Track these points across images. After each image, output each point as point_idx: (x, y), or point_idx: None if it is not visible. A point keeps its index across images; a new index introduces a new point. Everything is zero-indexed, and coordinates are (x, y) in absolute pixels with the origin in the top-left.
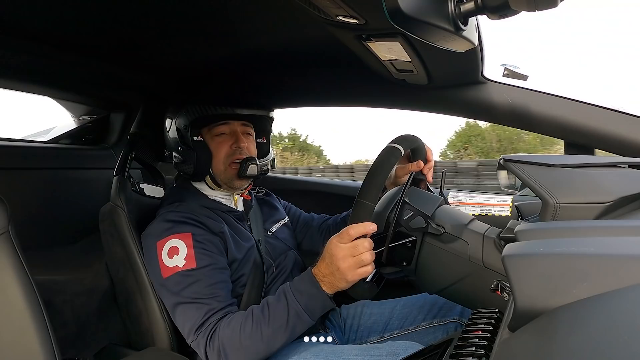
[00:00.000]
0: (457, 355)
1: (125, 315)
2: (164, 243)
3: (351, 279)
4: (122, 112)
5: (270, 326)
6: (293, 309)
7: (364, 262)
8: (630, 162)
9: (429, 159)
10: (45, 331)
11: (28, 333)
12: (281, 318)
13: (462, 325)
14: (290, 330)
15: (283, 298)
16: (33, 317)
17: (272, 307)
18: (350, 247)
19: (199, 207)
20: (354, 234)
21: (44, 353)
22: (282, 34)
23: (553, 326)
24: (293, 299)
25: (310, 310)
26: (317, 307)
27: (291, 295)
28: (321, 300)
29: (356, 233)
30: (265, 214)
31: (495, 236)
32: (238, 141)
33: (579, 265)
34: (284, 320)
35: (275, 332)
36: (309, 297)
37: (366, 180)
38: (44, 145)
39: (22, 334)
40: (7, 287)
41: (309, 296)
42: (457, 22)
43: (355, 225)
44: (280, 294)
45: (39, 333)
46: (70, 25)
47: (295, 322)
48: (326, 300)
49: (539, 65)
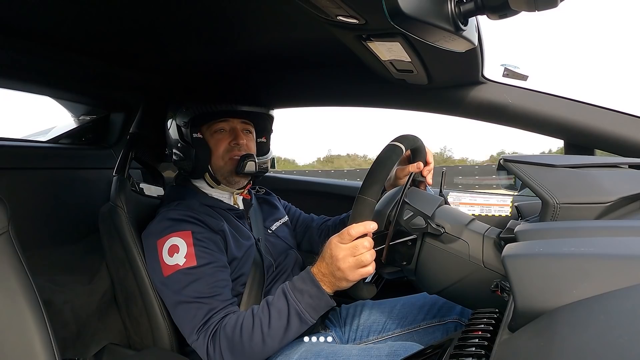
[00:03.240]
0: (457, 356)
1: (125, 315)
2: (164, 241)
3: (352, 279)
4: (122, 112)
5: (271, 326)
6: (294, 308)
7: (365, 262)
8: (630, 163)
9: (428, 161)
10: (45, 331)
11: (28, 333)
12: (282, 318)
13: (461, 325)
14: (291, 330)
15: (283, 298)
16: (33, 317)
17: (272, 307)
18: (351, 247)
19: (199, 205)
20: (354, 233)
21: (44, 353)
22: (282, 34)
23: (553, 326)
24: (293, 298)
25: (312, 309)
26: (318, 307)
27: (291, 295)
28: (322, 300)
29: (357, 233)
30: (266, 213)
31: (495, 236)
32: (237, 138)
33: (579, 265)
34: (285, 320)
35: (276, 332)
36: (310, 297)
37: (367, 177)
38: (44, 145)
39: (22, 334)
40: (7, 287)
41: (310, 296)
42: (457, 22)
43: (356, 225)
44: (280, 293)
45: (39, 333)
46: (70, 25)
47: (296, 322)
48: (327, 299)
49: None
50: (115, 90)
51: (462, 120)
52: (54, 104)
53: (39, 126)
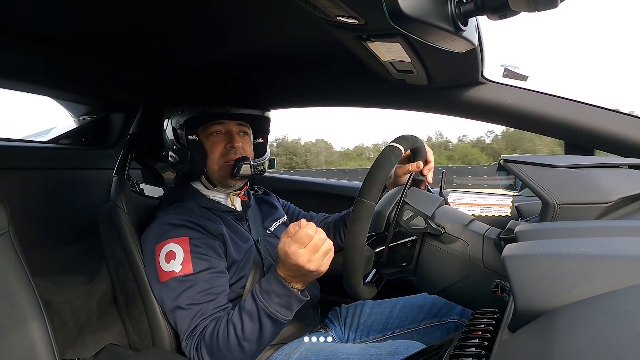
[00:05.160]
0: (457, 356)
1: (125, 315)
2: (162, 247)
3: (315, 267)
4: (122, 113)
5: (245, 330)
6: (262, 310)
7: (319, 243)
8: (630, 163)
9: (428, 160)
10: (45, 331)
11: (28, 333)
12: (254, 321)
13: (462, 326)
14: (265, 331)
15: (252, 301)
16: (33, 317)
17: (243, 312)
18: (296, 239)
19: (198, 208)
20: (292, 230)
21: (43, 353)
22: (282, 34)
23: (553, 327)
24: (261, 300)
25: (282, 308)
26: (288, 305)
27: (259, 297)
28: (291, 297)
29: (293, 229)
30: (264, 213)
31: (495, 236)
32: (232, 141)
33: (579, 265)
34: (257, 323)
35: (251, 336)
36: (277, 296)
37: (367, 179)
38: (44, 145)
39: (22, 334)
40: (7, 287)
41: (278, 295)
42: (457, 23)
43: (302, 229)
44: (250, 297)
45: (39, 333)
46: (70, 25)
47: (268, 323)
48: (296, 295)
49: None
50: (115, 91)
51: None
52: (54, 104)
53: (39, 126)
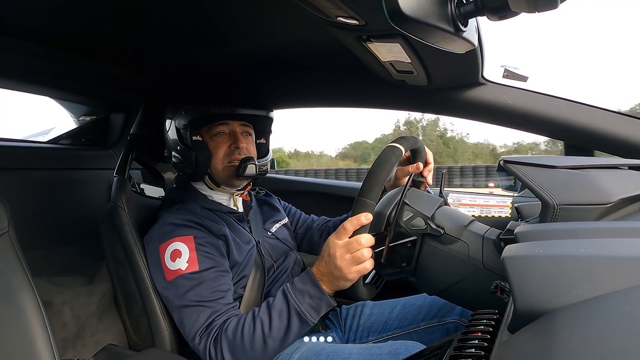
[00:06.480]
0: (457, 357)
1: (125, 315)
2: (166, 246)
3: (350, 277)
4: (122, 113)
5: (272, 327)
6: (294, 309)
7: (362, 258)
8: (630, 164)
9: (428, 162)
10: (45, 331)
11: (28, 333)
12: (282, 319)
13: (461, 326)
14: (291, 331)
15: (284, 299)
16: (33, 317)
17: (273, 309)
18: (347, 243)
19: (200, 209)
20: (350, 227)
21: (44, 353)
22: (283, 35)
23: (553, 328)
24: (294, 299)
25: (312, 310)
26: (318, 307)
27: (292, 295)
28: (323, 300)
29: (352, 226)
30: (265, 214)
31: (495, 237)
32: (237, 141)
33: (579, 266)
34: (286, 321)
35: (277, 333)
36: (310, 297)
37: (367, 179)
38: (44, 145)
39: (21, 335)
40: (7, 287)
41: (310, 296)
42: (457, 23)
43: (351, 218)
44: (281, 295)
45: (39, 333)
46: (70, 26)
47: (296, 323)
48: (327, 299)
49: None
50: (115, 91)
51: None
52: (54, 105)
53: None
